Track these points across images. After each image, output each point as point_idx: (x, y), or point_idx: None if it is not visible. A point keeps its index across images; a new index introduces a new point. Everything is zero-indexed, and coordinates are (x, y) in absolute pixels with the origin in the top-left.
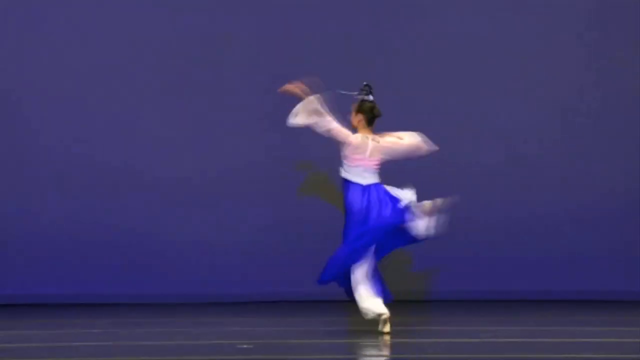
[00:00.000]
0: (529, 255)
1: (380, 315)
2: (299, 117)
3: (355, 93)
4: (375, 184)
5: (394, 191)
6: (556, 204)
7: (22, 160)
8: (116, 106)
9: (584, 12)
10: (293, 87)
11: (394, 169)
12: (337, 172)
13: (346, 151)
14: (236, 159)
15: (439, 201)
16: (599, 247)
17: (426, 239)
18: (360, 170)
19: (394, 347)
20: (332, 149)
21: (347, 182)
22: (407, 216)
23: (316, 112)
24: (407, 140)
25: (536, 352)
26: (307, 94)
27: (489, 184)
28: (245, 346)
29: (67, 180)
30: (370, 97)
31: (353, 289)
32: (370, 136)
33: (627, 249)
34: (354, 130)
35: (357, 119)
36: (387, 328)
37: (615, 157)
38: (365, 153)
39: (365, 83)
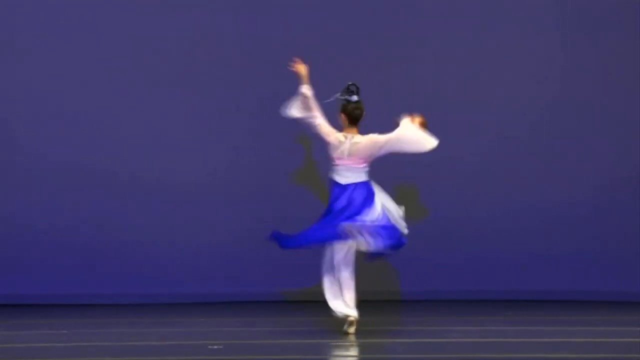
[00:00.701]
0: (529, 255)
1: (347, 316)
2: (292, 110)
3: (338, 94)
4: (358, 184)
5: (380, 198)
6: (556, 204)
7: (20, 161)
8: (111, 106)
9: (567, 13)
10: (301, 68)
11: (391, 167)
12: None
13: (329, 150)
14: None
15: None
16: (599, 247)
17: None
18: (341, 169)
19: (372, 348)
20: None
21: (330, 181)
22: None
23: (307, 108)
24: (384, 137)
25: (536, 352)
26: (306, 82)
27: (487, 183)
28: (215, 347)
29: (65, 181)
30: (354, 98)
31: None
32: (350, 136)
33: (627, 249)
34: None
35: (341, 118)
36: (352, 329)
37: (615, 157)
38: (343, 153)
39: (349, 83)
